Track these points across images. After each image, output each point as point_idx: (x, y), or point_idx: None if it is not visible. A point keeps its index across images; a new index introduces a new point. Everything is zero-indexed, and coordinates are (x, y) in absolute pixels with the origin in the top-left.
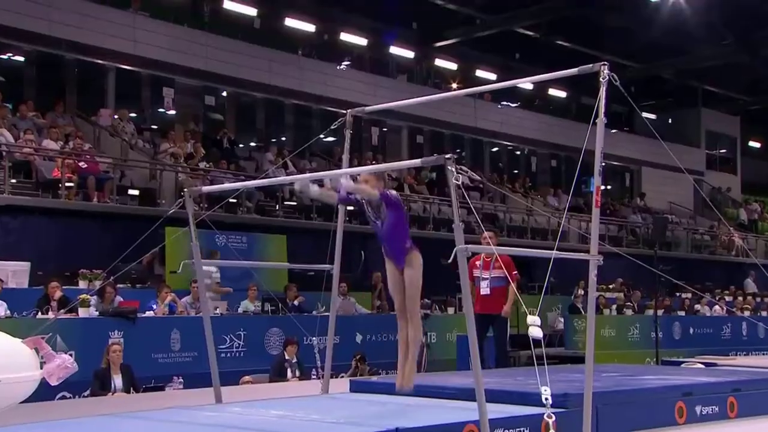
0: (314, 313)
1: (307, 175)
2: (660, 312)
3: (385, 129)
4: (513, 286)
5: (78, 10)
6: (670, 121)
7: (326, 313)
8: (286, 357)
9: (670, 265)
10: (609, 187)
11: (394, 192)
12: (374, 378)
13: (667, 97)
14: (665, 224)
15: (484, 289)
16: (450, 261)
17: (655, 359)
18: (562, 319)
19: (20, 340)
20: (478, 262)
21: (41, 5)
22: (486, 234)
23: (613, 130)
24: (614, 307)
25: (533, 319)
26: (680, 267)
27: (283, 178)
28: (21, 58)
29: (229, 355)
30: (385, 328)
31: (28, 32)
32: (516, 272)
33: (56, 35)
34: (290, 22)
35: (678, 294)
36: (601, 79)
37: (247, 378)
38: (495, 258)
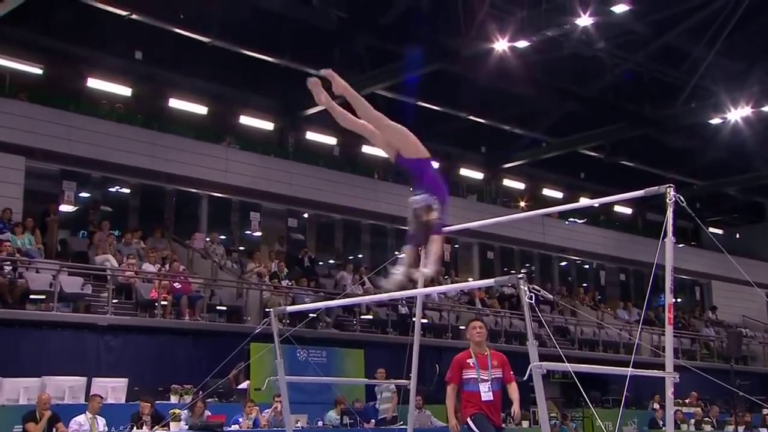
0: (392, 426)
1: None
2: (741, 428)
3: (456, 246)
4: (516, 387)
5: (177, 145)
6: (737, 235)
7: (403, 426)
8: None
9: (748, 380)
10: (679, 300)
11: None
12: None
13: (733, 212)
14: (740, 338)
15: (486, 393)
16: (525, 378)
17: None
18: None
19: None
20: (470, 360)
21: (146, 143)
22: (476, 323)
23: (681, 245)
24: (692, 422)
25: None
26: (760, 382)
27: (362, 298)
28: (127, 190)
29: None
30: None
31: (134, 167)
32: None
33: (158, 169)
34: (367, 149)
35: (760, 410)
36: (667, 200)
37: None
38: (490, 354)
